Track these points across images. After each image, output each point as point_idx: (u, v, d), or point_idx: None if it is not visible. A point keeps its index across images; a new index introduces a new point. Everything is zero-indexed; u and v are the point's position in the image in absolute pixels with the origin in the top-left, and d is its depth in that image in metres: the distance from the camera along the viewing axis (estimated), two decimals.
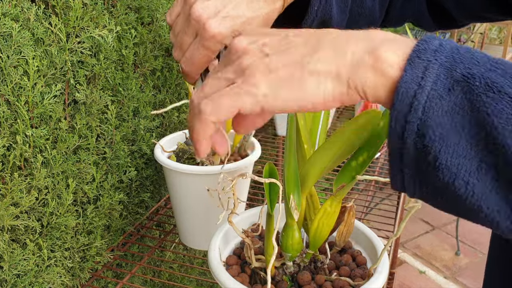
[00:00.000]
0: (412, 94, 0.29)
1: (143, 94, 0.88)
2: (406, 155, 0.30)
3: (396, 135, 0.30)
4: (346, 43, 0.32)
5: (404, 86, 0.29)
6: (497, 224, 0.29)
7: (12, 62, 0.58)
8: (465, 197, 0.29)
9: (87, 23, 0.69)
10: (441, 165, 0.29)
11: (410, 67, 0.29)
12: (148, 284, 1.05)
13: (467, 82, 0.28)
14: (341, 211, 0.59)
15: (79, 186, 0.75)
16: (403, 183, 0.32)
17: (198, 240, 0.87)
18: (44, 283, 0.70)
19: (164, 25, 0.90)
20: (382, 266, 0.56)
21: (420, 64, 0.29)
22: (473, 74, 0.28)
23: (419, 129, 0.29)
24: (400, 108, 0.29)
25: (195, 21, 0.44)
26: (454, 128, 0.28)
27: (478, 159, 0.28)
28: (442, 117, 0.28)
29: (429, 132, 0.29)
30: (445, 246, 2.53)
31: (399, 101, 0.29)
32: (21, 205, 0.63)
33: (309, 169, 0.54)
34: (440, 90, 0.29)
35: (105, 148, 0.80)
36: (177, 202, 0.83)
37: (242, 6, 0.44)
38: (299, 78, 0.31)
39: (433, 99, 0.29)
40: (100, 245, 0.81)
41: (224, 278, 0.54)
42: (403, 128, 0.29)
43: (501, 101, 0.27)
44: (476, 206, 0.29)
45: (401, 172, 0.31)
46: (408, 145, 0.30)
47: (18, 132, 0.61)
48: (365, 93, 0.31)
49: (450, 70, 0.29)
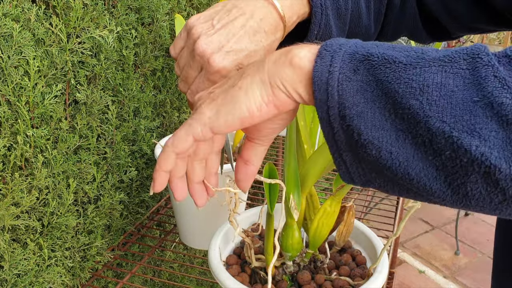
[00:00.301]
0: (325, 81, 0.32)
1: (144, 94, 0.88)
2: (339, 141, 0.33)
3: (325, 122, 0.33)
4: (265, 59, 0.36)
5: (316, 75, 0.33)
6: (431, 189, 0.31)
7: (12, 62, 0.58)
8: (394, 168, 0.31)
9: (87, 23, 0.69)
10: (366, 140, 0.32)
11: (319, 58, 0.33)
12: (149, 283, 1.06)
13: (368, 60, 0.32)
14: (340, 211, 0.59)
15: (80, 186, 0.75)
16: (348, 171, 0.35)
17: (198, 239, 0.87)
18: (44, 282, 0.70)
19: (164, 25, 0.90)
20: (381, 265, 0.56)
21: (327, 54, 0.33)
22: (372, 53, 0.32)
23: (340, 112, 0.32)
24: (319, 96, 0.33)
25: (199, 56, 0.45)
26: (367, 104, 0.31)
27: (394, 128, 0.31)
28: (355, 96, 0.32)
29: (347, 113, 0.32)
30: (444, 245, 2.54)
31: (317, 90, 0.33)
32: (21, 205, 0.63)
33: (309, 169, 0.55)
34: (347, 72, 0.32)
35: (105, 148, 0.80)
36: (177, 202, 0.84)
37: (245, 40, 0.46)
38: (232, 96, 0.36)
39: (343, 82, 0.32)
40: (100, 244, 0.81)
41: (224, 278, 0.54)
42: (328, 114, 0.33)
43: (397, 69, 0.31)
44: (406, 175, 0.31)
45: (342, 160, 0.34)
46: (336, 130, 0.33)
47: (18, 132, 0.61)
48: (286, 89, 0.35)
49: (353, 54, 0.33)
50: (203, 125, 0.36)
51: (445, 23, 0.60)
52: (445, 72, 0.30)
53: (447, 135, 0.29)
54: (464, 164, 0.29)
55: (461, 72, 0.30)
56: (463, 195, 0.30)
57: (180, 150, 0.38)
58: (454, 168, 0.30)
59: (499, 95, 0.28)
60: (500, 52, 0.30)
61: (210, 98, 0.37)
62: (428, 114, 0.29)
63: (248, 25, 0.46)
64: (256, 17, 0.47)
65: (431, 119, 0.29)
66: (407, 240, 2.57)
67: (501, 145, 0.28)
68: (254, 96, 0.35)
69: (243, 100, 0.35)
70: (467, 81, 0.29)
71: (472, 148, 0.28)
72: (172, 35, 0.94)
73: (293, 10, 0.49)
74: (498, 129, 0.28)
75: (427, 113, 0.29)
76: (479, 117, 0.29)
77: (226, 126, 0.36)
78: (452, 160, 0.30)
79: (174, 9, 0.95)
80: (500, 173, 0.28)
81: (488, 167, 0.28)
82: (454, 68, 0.30)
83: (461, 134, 0.29)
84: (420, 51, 0.32)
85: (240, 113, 0.35)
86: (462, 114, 0.29)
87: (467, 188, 0.30)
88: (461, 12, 0.58)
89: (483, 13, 0.56)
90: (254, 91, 0.35)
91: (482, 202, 0.30)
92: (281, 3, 0.48)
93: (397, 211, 1.06)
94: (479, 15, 0.57)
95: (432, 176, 0.31)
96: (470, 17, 0.58)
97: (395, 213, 1.05)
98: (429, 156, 0.30)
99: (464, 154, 0.29)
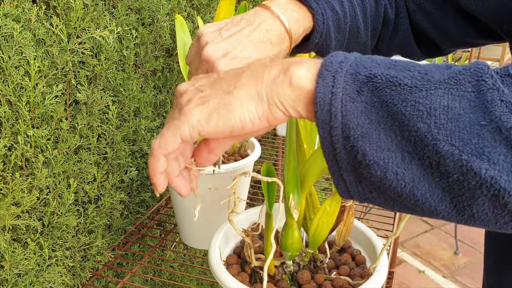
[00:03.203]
0: (328, 102, 0.32)
1: (144, 95, 0.89)
2: (340, 160, 0.33)
3: (326, 142, 0.33)
4: (262, 70, 0.36)
5: (319, 96, 0.32)
6: (436, 210, 0.31)
7: (13, 62, 0.59)
8: (399, 188, 0.31)
9: (88, 24, 0.69)
10: (371, 161, 0.31)
11: (321, 79, 0.33)
12: (149, 283, 1.06)
13: (371, 82, 0.32)
14: (340, 211, 0.59)
15: (80, 185, 0.75)
16: (348, 189, 0.34)
17: (198, 239, 0.87)
18: (45, 282, 0.71)
19: (164, 26, 0.91)
20: (381, 265, 0.57)
21: (329, 75, 0.33)
22: (375, 74, 0.32)
23: (343, 132, 0.32)
24: (322, 117, 0.32)
25: (206, 62, 0.47)
26: (372, 125, 0.31)
27: (400, 150, 0.31)
28: (360, 118, 0.31)
29: (351, 133, 0.32)
30: (444, 245, 2.54)
31: (320, 110, 0.32)
32: (22, 205, 0.63)
33: (308, 168, 0.55)
34: (350, 94, 0.32)
35: (106, 148, 0.80)
36: (177, 202, 0.84)
37: (250, 48, 0.47)
38: (226, 104, 0.36)
39: (346, 103, 0.32)
40: (101, 244, 0.82)
41: (224, 277, 0.55)
42: (330, 134, 0.32)
43: (402, 91, 0.31)
44: (411, 195, 0.31)
45: (343, 179, 0.34)
46: (339, 150, 0.33)
47: (19, 132, 0.61)
48: (285, 107, 0.35)
49: (355, 75, 0.32)
50: (191, 127, 0.36)
51: (436, 39, 0.62)
52: (451, 95, 0.30)
53: (456, 158, 0.29)
54: (472, 187, 0.29)
55: (466, 95, 0.30)
56: (468, 216, 0.31)
57: (168, 151, 0.38)
58: (461, 191, 0.30)
59: (508, 120, 0.28)
60: (502, 70, 0.30)
61: (201, 100, 0.37)
62: (437, 137, 0.29)
63: (254, 35, 0.48)
64: (263, 28, 0.48)
65: (439, 142, 0.29)
66: (406, 239, 2.58)
67: (510, 169, 0.28)
68: (249, 109, 0.35)
69: (238, 110, 0.35)
70: (473, 104, 0.29)
71: (481, 172, 0.29)
72: (173, 35, 0.94)
73: (299, 24, 0.50)
74: (507, 153, 0.28)
75: (435, 136, 0.29)
76: (487, 141, 0.29)
77: (215, 132, 0.36)
78: (459, 183, 0.30)
79: (174, 10, 0.95)
80: (509, 196, 0.29)
81: (498, 190, 0.29)
82: (460, 91, 0.30)
83: (470, 158, 0.29)
84: (424, 71, 0.31)
85: (233, 123, 0.35)
86: (470, 137, 0.29)
87: (473, 210, 0.30)
88: (450, 28, 0.59)
89: (471, 27, 0.58)
90: (249, 104, 0.35)
91: (487, 222, 0.31)
92: (288, 18, 0.49)
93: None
94: (467, 30, 0.58)
95: (438, 197, 0.31)
96: (459, 32, 0.59)
97: (394, 212, 1.05)
98: (436, 178, 0.30)
99: (473, 177, 0.29)
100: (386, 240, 0.56)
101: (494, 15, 0.53)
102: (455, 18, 0.58)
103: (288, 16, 0.49)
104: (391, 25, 0.61)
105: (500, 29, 0.55)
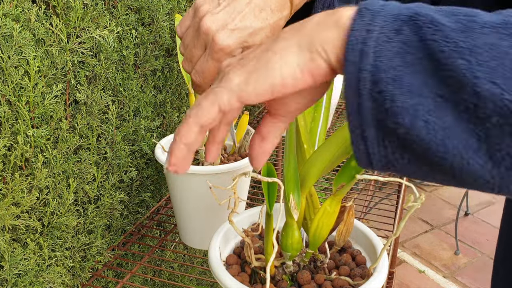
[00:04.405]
0: (361, 41, 0.29)
1: (144, 94, 0.89)
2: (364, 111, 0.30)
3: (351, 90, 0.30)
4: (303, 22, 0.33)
5: (353, 34, 0.30)
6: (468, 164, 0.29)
7: (13, 62, 0.58)
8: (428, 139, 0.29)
9: (87, 23, 0.69)
10: (399, 107, 0.29)
11: (359, 16, 0.30)
12: (149, 283, 1.06)
13: (413, 21, 0.29)
14: (340, 211, 0.59)
15: (80, 185, 0.75)
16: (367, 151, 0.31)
17: (198, 239, 0.87)
18: (44, 282, 0.70)
19: (164, 25, 0.90)
20: (381, 265, 0.57)
21: (368, 13, 0.30)
22: (419, 13, 0.29)
23: (373, 75, 0.29)
24: (351, 57, 0.30)
25: (205, 34, 0.45)
26: (406, 68, 0.29)
27: (433, 95, 0.28)
28: (394, 59, 0.29)
29: (382, 76, 0.29)
30: (444, 245, 2.54)
31: (350, 50, 0.30)
32: (22, 205, 0.63)
33: (309, 169, 0.55)
34: (388, 33, 0.29)
35: (106, 148, 0.80)
36: (177, 202, 0.84)
37: (250, 17, 0.45)
38: (265, 60, 0.32)
39: (382, 43, 0.29)
40: (100, 244, 0.82)
41: (224, 278, 0.54)
42: (358, 78, 0.29)
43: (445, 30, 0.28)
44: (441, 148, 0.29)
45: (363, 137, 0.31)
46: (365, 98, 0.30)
47: (19, 132, 0.61)
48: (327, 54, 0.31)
49: (397, 14, 0.30)
50: (230, 93, 0.33)
51: None
52: (498, 33, 0.28)
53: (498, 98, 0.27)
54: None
55: None
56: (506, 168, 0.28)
57: (204, 121, 0.33)
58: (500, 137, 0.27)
59: None
60: None
61: (240, 64, 0.34)
62: (477, 75, 0.27)
63: (254, 2, 0.46)
64: None
65: (479, 80, 0.27)
66: (407, 240, 2.57)
67: None
68: (289, 61, 0.32)
69: (277, 65, 0.32)
70: None
71: None
72: (172, 35, 0.94)
73: None
74: None
75: (475, 73, 0.27)
76: None
77: (255, 94, 0.32)
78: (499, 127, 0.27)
79: (174, 9, 0.95)
80: None
81: None
82: (509, 30, 0.28)
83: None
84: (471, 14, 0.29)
85: (272, 80, 0.32)
86: None
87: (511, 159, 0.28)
88: None
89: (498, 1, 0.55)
90: (289, 56, 0.32)
91: None
92: None
93: (397, 211, 1.07)
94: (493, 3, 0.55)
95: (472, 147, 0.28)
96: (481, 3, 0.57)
97: (395, 212, 1.05)
98: (471, 125, 0.28)
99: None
100: (386, 240, 0.56)
101: None
102: None
103: None
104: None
105: None
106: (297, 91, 0.33)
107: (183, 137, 0.34)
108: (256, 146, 0.37)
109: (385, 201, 2.11)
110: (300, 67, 0.32)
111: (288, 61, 0.32)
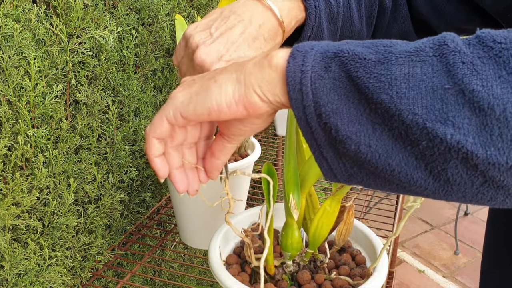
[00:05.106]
0: (298, 81, 0.33)
1: (144, 95, 0.89)
2: (318, 138, 0.33)
3: (302, 122, 0.33)
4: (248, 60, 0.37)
5: (290, 76, 0.33)
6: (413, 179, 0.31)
7: (13, 62, 0.59)
8: (374, 160, 0.31)
9: (88, 24, 0.69)
10: (344, 136, 0.32)
11: (291, 58, 0.34)
12: (149, 283, 1.06)
13: (338, 57, 0.32)
14: (340, 211, 0.59)
15: (80, 185, 0.75)
16: (330, 167, 0.34)
17: (198, 239, 0.87)
18: (45, 282, 0.71)
19: (164, 26, 0.91)
20: (381, 265, 0.57)
21: (300, 55, 0.33)
22: (342, 50, 0.32)
23: (316, 110, 0.32)
24: (295, 96, 0.33)
25: (199, 66, 0.46)
26: (341, 101, 0.32)
27: (370, 122, 0.31)
28: (329, 94, 0.32)
29: (323, 110, 0.32)
30: (444, 245, 2.54)
31: (292, 90, 0.33)
32: (22, 205, 0.63)
33: (308, 168, 0.55)
34: (318, 71, 0.32)
35: (106, 148, 0.80)
36: (177, 202, 0.84)
37: (244, 47, 0.46)
38: (206, 86, 0.37)
39: (316, 81, 0.32)
40: (101, 244, 0.82)
41: (224, 277, 0.55)
42: (304, 113, 0.33)
43: (367, 65, 0.31)
44: (387, 166, 0.31)
45: (323, 157, 0.34)
46: (315, 128, 0.33)
47: (19, 132, 0.61)
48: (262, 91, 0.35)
49: (324, 52, 0.33)
50: (174, 108, 0.37)
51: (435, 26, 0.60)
52: (412, 61, 0.30)
53: (421, 126, 0.29)
54: (442, 152, 0.29)
55: (428, 59, 0.30)
56: (444, 181, 0.30)
57: (158, 134, 0.39)
58: (433, 156, 0.30)
59: (470, 82, 0.28)
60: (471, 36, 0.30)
61: (189, 85, 0.38)
62: (400, 107, 0.30)
63: (247, 32, 0.46)
64: (255, 24, 0.46)
65: (403, 112, 0.29)
66: (406, 239, 2.58)
67: (475, 131, 0.28)
68: (226, 92, 0.36)
69: (215, 93, 0.36)
70: (436, 68, 0.29)
71: (447, 137, 0.29)
72: (173, 35, 0.94)
73: (291, 15, 0.49)
74: (471, 115, 0.28)
75: (398, 106, 0.30)
76: (451, 105, 0.29)
77: (194, 114, 0.37)
78: (429, 149, 0.30)
79: (174, 10, 0.95)
80: (478, 158, 0.28)
81: (465, 153, 0.29)
82: (421, 56, 0.30)
83: (434, 125, 0.29)
84: (389, 44, 0.32)
85: (209, 104, 0.36)
86: (434, 103, 0.29)
87: (447, 174, 0.30)
88: (451, 13, 0.58)
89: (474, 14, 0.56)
90: (228, 87, 0.36)
91: (463, 186, 0.30)
92: (279, 9, 0.48)
93: (397, 210, 1.07)
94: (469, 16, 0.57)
95: (413, 165, 0.31)
96: (460, 18, 0.58)
97: (394, 212, 1.06)
98: (407, 146, 0.30)
99: (441, 143, 0.29)
100: (386, 240, 0.56)
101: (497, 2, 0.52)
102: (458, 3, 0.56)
103: (279, 5, 0.48)
104: (388, 12, 0.60)
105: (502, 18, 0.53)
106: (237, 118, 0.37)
107: (149, 151, 0.40)
108: (207, 161, 0.43)
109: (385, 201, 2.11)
110: (235, 99, 0.35)
111: (226, 91, 0.36)
